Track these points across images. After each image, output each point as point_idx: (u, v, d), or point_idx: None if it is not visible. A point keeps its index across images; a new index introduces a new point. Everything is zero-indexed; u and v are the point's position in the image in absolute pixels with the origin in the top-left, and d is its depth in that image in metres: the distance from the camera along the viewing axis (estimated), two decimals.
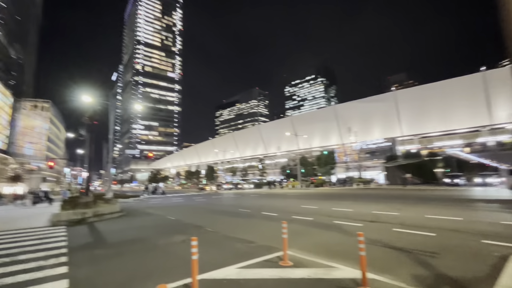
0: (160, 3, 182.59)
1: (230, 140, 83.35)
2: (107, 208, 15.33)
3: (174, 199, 31.94)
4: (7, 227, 12.09)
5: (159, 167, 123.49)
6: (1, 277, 5.25)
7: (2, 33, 69.03)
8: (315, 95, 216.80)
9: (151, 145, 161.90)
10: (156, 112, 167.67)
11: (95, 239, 9.15)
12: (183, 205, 22.78)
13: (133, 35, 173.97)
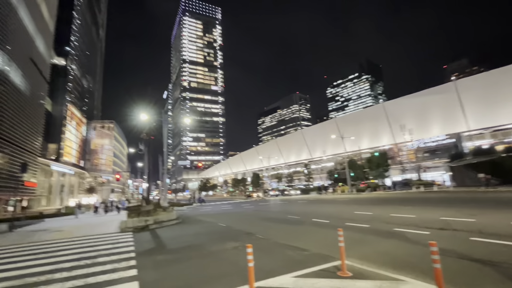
0: (201, 23, 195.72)
1: (273, 147, 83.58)
2: (165, 216, 16.57)
3: (223, 206, 33.07)
4: (88, 232, 13.95)
5: (208, 176, 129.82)
6: (86, 277, 6.02)
7: (77, 67, 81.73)
8: (360, 94, 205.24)
9: (199, 156, 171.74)
10: (202, 124, 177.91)
11: (157, 245, 9.92)
12: (232, 212, 23.40)
13: (179, 55, 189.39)
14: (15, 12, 43.52)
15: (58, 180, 67.87)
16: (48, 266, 7.18)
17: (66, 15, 74.62)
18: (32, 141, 50.79)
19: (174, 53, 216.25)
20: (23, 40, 46.90)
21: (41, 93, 57.09)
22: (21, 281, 6.00)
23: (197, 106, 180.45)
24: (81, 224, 19.02)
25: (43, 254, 8.98)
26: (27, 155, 48.07)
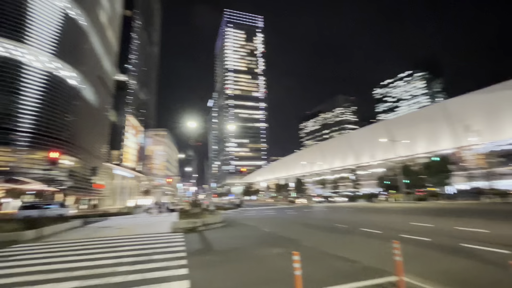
0: (243, 32, 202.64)
1: (316, 151, 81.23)
2: (212, 219, 17.26)
3: (266, 211, 33.13)
4: (144, 231, 15.31)
5: (251, 180, 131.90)
6: (144, 272, 6.57)
7: (135, 82, 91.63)
8: (414, 93, 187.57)
9: (243, 161, 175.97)
10: (245, 130, 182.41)
11: (205, 246, 10.36)
12: (276, 218, 23.26)
13: (223, 65, 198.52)
14: (88, 38, 50.88)
15: (120, 183, 76.07)
16: (112, 260, 8.05)
17: (127, 36, 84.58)
18: (99, 148, 58.13)
19: (218, 63, 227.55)
20: (93, 61, 54.46)
21: (106, 106, 65.20)
22: (92, 271, 6.83)
23: (240, 113, 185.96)
24: (138, 222, 20.95)
25: (109, 248, 10.10)
26: (96, 161, 55.12)
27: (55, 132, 40.80)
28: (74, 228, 17.97)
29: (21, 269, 7.32)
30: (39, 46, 39.75)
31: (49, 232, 14.74)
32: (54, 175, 38.85)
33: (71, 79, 44.74)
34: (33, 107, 38.23)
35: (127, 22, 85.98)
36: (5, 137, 35.48)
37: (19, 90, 37.12)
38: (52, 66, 41.20)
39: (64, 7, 43.68)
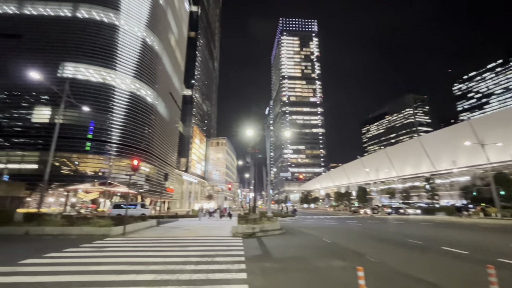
0: (298, 38, 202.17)
1: (382, 157, 74.01)
2: (270, 225, 17.32)
3: (326, 220, 31.57)
4: (207, 233, 16.34)
5: (309, 188, 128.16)
6: (207, 273, 6.97)
7: (199, 95, 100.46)
8: (509, 85, 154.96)
9: (300, 168, 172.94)
10: (302, 136, 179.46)
11: (264, 252, 10.41)
12: (337, 228, 21.92)
13: (279, 72, 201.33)
14: (160, 60, 58.26)
15: (187, 188, 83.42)
16: (181, 258, 8.79)
17: (191, 55, 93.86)
18: (170, 156, 65.12)
19: (274, 71, 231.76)
20: (165, 79, 61.92)
21: (176, 118, 72.96)
22: (164, 266, 7.57)
23: (296, 119, 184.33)
24: (202, 225, 22.50)
25: (178, 247, 11.09)
26: (167, 167, 61.82)
27: (136, 142, 47.66)
28: (151, 227, 20.38)
29: (110, 259, 8.63)
30: (124, 71, 47.48)
31: (131, 229, 17.06)
32: (135, 179, 45.21)
33: (148, 97, 51.80)
34: (120, 122, 45.58)
35: (192, 42, 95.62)
36: (100, 147, 43.13)
37: (110, 108, 44.87)
38: (134, 87, 48.57)
39: (142, 36, 51.28)
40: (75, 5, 46.12)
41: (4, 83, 41.36)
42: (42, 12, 45.37)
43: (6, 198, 21.65)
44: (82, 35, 44.75)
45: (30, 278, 6.34)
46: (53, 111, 41.63)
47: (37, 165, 39.83)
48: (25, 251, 9.99)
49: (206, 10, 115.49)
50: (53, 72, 41.96)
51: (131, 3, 50.34)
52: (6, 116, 41.06)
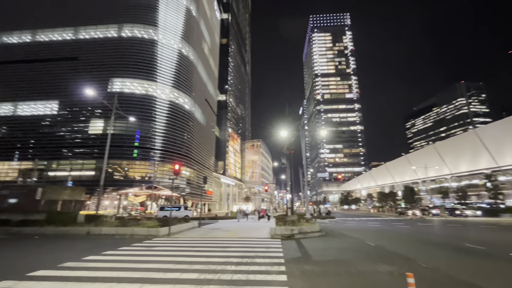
0: (330, 34, 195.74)
1: (431, 153, 67.56)
2: (309, 227, 16.94)
3: (369, 222, 29.83)
4: (246, 235, 16.59)
5: (349, 188, 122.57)
6: (247, 273, 7.07)
7: (233, 99, 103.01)
8: None
9: (338, 167, 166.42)
10: (339, 134, 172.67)
11: (303, 255, 10.22)
12: (381, 230, 20.56)
13: (311, 71, 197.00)
14: (196, 68, 61.10)
15: (225, 190, 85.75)
16: (222, 258, 9.06)
17: (224, 61, 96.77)
18: (208, 159, 67.69)
19: (306, 69, 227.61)
20: (201, 87, 64.73)
21: (212, 123, 75.68)
22: (206, 266, 7.88)
23: (332, 117, 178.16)
24: (241, 227, 22.91)
25: (219, 248, 11.45)
26: (206, 171, 64.34)
27: (176, 148, 50.59)
28: (193, 228, 21.38)
29: (158, 257, 9.26)
30: (164, 81, 50.86)
31: (176, 230, 18.09)
32: (177, 183, 47.93)
33: (186, 104, 54.67)
34: (162, 129, 48.85)
35: (224, 49, 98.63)
36: (146, 154, 46.73)
37: (153, 117, 48.40)
38: (172, 96, 51.72)
39: (178, 48, 54.44)
40: (120, 26, 50.86)
41: (66, 101, 47.28)
42: (93, 36, 50.92)
43: (71, 202, 24.60)
44: (127, 52, 49.14)
45: (92, 273, 7.10)
46: (105, 123, 46.34)
47: (94, 172, 44.63)
48: (87, 248, 11.24)
49: (236, 16, 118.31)
50: (104, 88, 46.74)
51: (167, 18, 53.81)
52: (68, 130, 46.86)
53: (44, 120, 46.82)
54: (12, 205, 21.31)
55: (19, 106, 47.63)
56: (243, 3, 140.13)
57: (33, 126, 46.33)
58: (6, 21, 52.35)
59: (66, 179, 41.72)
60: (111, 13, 51.52)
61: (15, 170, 44.74)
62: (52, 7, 52.56)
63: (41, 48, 50.59)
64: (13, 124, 46.67)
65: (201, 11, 66.72)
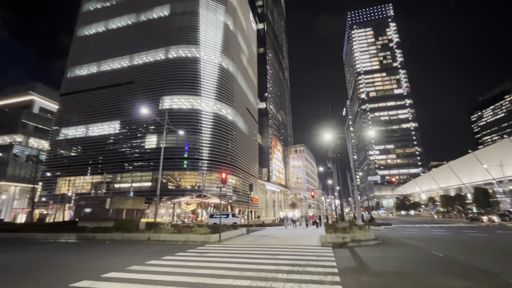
0: (371, 29, 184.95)
1: (508, 148, 57.73)
2: (362, 235, 15.81)
3: (434, 230, 26.56)
4: (295, 242, 16.21)
5: (405, 192, 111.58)
6: (300, 282, 6.85)
7: (273, 106, 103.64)
8: None
9: (391, 169, 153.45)
10: (389, 134, 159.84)
11: (359, 264, 9.53)
12: (450, 239, 18.09)
13: (353, 69, 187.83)
14: (236, 79, 63.33)
15: (271, 197, 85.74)
16: (272, 266, 8.97)
17: (262, 70, 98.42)
18: (252, 167, 68.75)
19: (348, 68, 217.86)
20: (241, 97, 66.69)
21: (254, 131, 76.99)
22: (258, 273, 7.87)
23: (379, 116, 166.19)
24: (289, 234, 22.51)
25: (268, 255, 11.38)
26: (251, 178, 65.36)
27: (222, 157, 52.66)
28: (242, 235, 21.74)
29: (211, 263, 9.59)
30: (207, 95, 53.83)
31: (225, 237, 18.61)
32: (224, 191, 49.68)
33: (228, 115, 56.82)
34: (208, 140, 51.47)
35: (262, 58, 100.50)
36: (194, 164, 49.65)
37: (199, 129, 51.39)
38: (216, 108, 54.32)
39: (219, 62, 57.29)
40: (167, 49, 55.83)
41: (125, 120, 53.30)
42: (145, 60, 56.78)
43: (133, 210, 27.27)
44: (173, 71, 53.53)
45: (154, 276, 7.68)
46: (158, 137, 50.77)
47: (150, 182, 48.99)
48: (149, 253, 12.26)
49: (271, 25, 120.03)
50: (156, 106, 51.45)
51: (208, 35, 57.25)
52: (128, 146, 52.58)
53: (109, 138, 53.28)
54: (87, 214, 24.51)
55: (90, 128, 55.13)
56: (278, 10, 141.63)
57: (101, 145, 53.07)
58: (79, 58, 61.83)
59: (128, 190, 46.59)
60: (159, 38, 56.89)
61: (89, 183, 51.59)
62: (113, 42, 60.39)
63: (105, 76, 58.14)
64: (86, 143, 54.12)
65: (237, 24, 69.38)
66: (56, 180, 52.64)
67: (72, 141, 55.24)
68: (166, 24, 57.70)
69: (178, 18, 57.69)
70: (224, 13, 61.56)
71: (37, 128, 67.31)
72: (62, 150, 55.54)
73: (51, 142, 56.58)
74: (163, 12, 59.37)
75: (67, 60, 63.10)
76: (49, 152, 56.26)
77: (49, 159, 55.10)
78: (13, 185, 59.37)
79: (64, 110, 57.91)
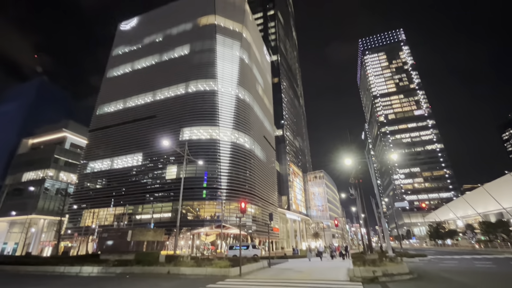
0: (384, 53, 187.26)
1: None
2: (395, 268, 14.51)
3: (477, 262, 23.85)
4: (321, 276, 15.13)
5: (438, 218, 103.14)
6: None
7: (290, 133, 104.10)
8: None
9: (419, 194, 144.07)
10: (413, 156, 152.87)
11: None
12: (496, 273, 16.08)
13: (369, 93, 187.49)
14: (252, 109, 65.06)
15: (291, 226, 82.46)
16: None
17: (278, 98, 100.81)
18: (271, 195, 67.45)
19: (363, 92, 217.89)
20: (258, 125, 67.87)
21: (272, 159, 76.76)
22: None
23: (401, 138, 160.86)
24: (314, 267, 21.12)
25: None
26: (271, 207, 63.81)
27: (240, 186, 52.38)
28: (263, 268, 20.71)
29: None
30: (225, 125, 55.44)
31: (246, 270, 17.80)
32: (244, 221, 48.54)
33: (246, 143, 57.58)
34: (226, 169, 51.83)
35: (276, 87, 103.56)
36: (213, 194, 49.62)
37: (218, 159, 52.16)
38: (233, 137, 55.44)
39: (235, 93, 59.71)
40: (187, 84, 59.36)
41: (148, 152, 55.49)
42: (166, 95, 60.45)
43: (154, 242, 27.16)
44: (193, 104, 56.23)
45: None
46: (178, 168, 51.93)
47: (170, 213, 49.16)
48: None
49: (284, 56, 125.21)
50: (176, 138, 53.46)
51: (225, 69, 60.55)
52: (150, 176, 54.06)
53: (132, 170, 55.19)
54: (109, 247, 24.69)
55: (115, 161, 57.71)
56: (290, 42, 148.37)
57: (124, 176, 54.95)
58: (107, 96, 67.09)
59: (149, 221, 46.89)
60: (180, 75, 60.86)
61: (112, 215, 52.68)
62: (138, 80, 65.43)
63: (129, 112, 62.05)
64: (110, 175, 56.32)
65: (252, 57, 73.05)
66: (82, 212, 54.35)
67: (98, 174, 57.76)
68: (186, 61, 61.97)
69: (197, 55, 61.92)
70: (239, 48, 65.35)
71: (67, 162, 71.62)
72: (88, 183, 57.99)
73: (79, 175, 59.49)
74: (183, 51, 64.13)
75: (97, 99, 68.53)
76: (76, 185, 58.92)
77: (76, 192, 57.55)
78: (42, 218, 61.96)
79: (92, 145, 61.58)
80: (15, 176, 72.44)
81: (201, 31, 64.78)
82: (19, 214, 61.09)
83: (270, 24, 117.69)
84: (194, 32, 65.77)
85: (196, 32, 65.34)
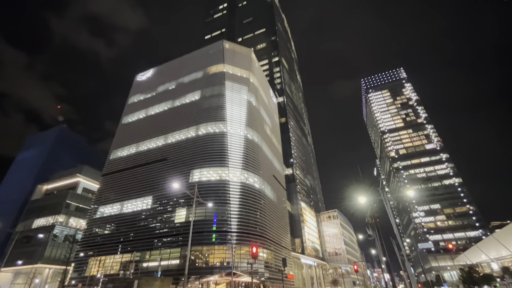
0: (387, 90, 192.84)
1: None
2: None
3: None
4: None
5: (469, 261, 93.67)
6: None
7: (300, 172, 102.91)
8: None
9: (444, 233, 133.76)
10: (431, 192, 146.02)
11: None
12: None
13: (376, 129, 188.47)
14: (261, 149, 65.79)
15: (307, 272, 76.41)
16: None
17: (286, 137, 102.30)
18: (284, 238, 64.09)
19: (371, 128, 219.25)
20: (267, 165, 67.83)
21: (283, 199, 74.80)
22: None
23: (415, 173, 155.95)
24: None
25: None
26: (284, 251, 60.16)
27: (251, 228, 50.26)
28: None
29: None
30: (234, 165, 55.68)
31: None
32: (255, 267, 45.40)
33: (256, 183, 56.95)
34: (236, 211, 50.46)
35: (284, 127, 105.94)
36: (223, 238, 47.53)
37: (227, 200, 51.22)
38: (243, 177, 55.15)
39: (244, 134, 61.25)
40: (197, 127, 61.68)
41: (157, 195, 55.27)
42: (177, 138, 62.49)
43: None
44: (203, 146, 57.54)
45: None
46: (187, 210, 50.95)
47: (178, 260, 46.76)
48: None
49: (290, 97, 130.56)
50: (186, 180, 53.56)
51: (233, 112, 63.18)
52: (159, 220, 52.93)
53: (141, 214, 54.43)
54: None
55: (124, 205, 57.45)
56: (295, 85, 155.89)
57: (133, 221, 54.01)
58: (121, 141, 69.89)
59: (156, 269, 44.58)
60: (190, 119, 63.63)
61: (118, 262, 50.55)
62: (151, 125, 68.66)
63: (141, 155, 63.75)
64: (119, 220, 55.49)
65: (259, 100, 76.43)
66: (88, 261, 52.50)
67: (107, 218, 57.13)
68: (197, 106, 65.30)
69: (207, 100, 65.43)
70: (247, 92, 68.93)
71: (78, 207, 71.79)
72: (97, 228, 57.07)
73: (88, 221, 58.94)
74: (194, 97, 68.06)
75: (111, 144, 71.28)
76: (85, 231, 58.02)
77: (84, 238, 56.41)
78: (47, 267, 59.96)
79: (103, 188, 62.20)
80: (26, 222, 72.50)
81: (211, 78, 69.46)
82: (25, 263, 59.54)
83: (276, 69, 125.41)
84: (204, 79, 70.58)
85: (206, 79, 70.08)
